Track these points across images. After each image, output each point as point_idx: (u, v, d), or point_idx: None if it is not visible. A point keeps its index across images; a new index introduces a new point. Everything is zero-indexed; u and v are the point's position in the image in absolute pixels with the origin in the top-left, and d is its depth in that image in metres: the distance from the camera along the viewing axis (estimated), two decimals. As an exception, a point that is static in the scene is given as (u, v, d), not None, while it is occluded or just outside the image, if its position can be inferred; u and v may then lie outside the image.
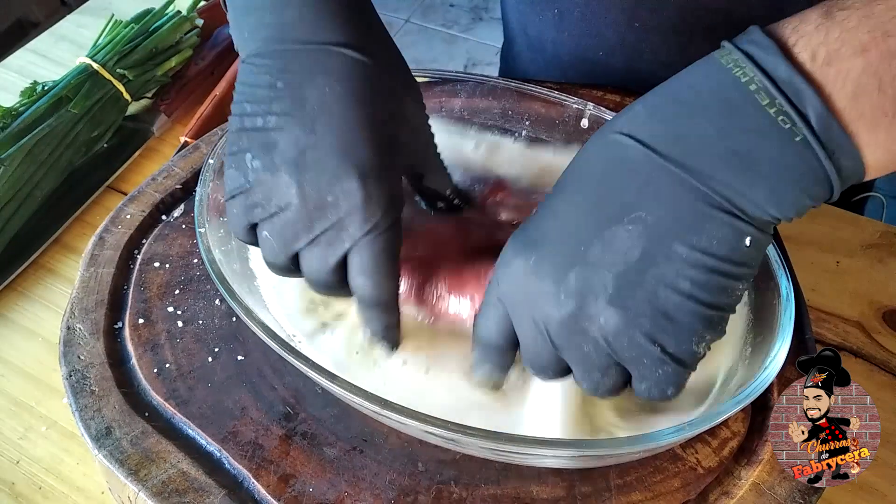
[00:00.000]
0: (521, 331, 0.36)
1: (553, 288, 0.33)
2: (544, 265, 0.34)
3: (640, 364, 0.33)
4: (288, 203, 0.36)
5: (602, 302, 0.32)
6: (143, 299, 0.47)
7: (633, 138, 0.32)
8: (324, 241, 0.37)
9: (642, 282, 0.32)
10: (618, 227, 0.32)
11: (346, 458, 0.41)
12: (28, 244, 0.58)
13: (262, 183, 0.37)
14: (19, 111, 0.61)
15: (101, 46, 0.67)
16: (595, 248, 0.32)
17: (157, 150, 0.67)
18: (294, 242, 0.37)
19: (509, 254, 0.36)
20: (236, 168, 0.38)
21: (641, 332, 0.32)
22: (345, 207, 0.36)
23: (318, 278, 0.38)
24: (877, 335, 0.53)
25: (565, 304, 0.33)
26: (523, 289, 0.34)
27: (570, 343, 0.34)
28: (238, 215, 0.38)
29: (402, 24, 2.18)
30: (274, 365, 0.44)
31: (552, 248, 0.34)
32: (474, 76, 0.54)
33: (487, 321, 0.37)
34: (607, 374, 0.34)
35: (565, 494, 0.40)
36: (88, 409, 0.42)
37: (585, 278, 0.32)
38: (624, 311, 0.32)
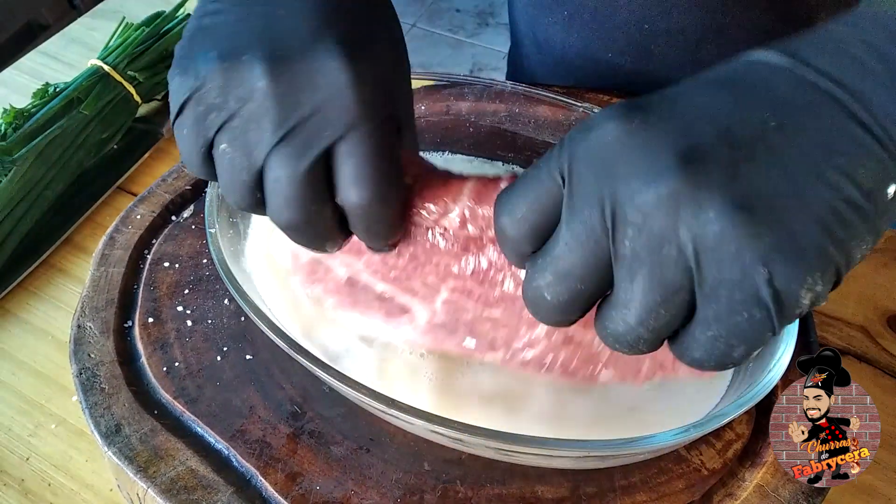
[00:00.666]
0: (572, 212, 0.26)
1: (658, 156, 0.25)
2: (654, 129, 0.26)
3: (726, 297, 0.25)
4: (251, 91, 0.29)
5: (722, 191, 0.24)
6: (152, 298, 0.48)
7: (782, 53, 0.27)
8: (296, 137, 0.29)
9: (777, 188, 0.25)
10: (758, 118, 0.26)
11: (353, 456, 0.41)
12: (39, 244, 0.58)
13: (216, 74, 0.29)
14: (31, 112, 0.62)
15: (112, 49, 0.68)
16: (726, 129, 0.25)
17: (166, 151, 0.67)
18: (259, 145, 0.29)
19: (599, 117, 0.27)
20: (183, 71, 0.30)
21: (757, 247, 0.24)
22: (326, 90, 0.28)
23: (287, 194, 0.29)
24: (881, 339, 0.53)
25: (670, 178, 0.25)
26: (608, 154, 0.26)
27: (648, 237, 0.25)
28: (189, 134, 0.30)
29: (408, 28, 2.19)
30: (282, 364, 0.45)
31: (668, 114, 0.26)
32: (481, 79, 0.55)
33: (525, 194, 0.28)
34: (671, 300, 0.26)
35: (570, 495, 0.40)
36: (98, 406, 0.43)
37: (707, 156, 0.25)
38: (747, 211, 0.24)
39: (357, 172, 0.29)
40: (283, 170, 0.29)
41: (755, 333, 0.26)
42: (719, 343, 0.26)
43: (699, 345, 0.26)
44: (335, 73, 0.28)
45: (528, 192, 0.28)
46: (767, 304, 0.25)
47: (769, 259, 0.24)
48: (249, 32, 0.29)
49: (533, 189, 0.28)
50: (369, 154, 0.29)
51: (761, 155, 0.25)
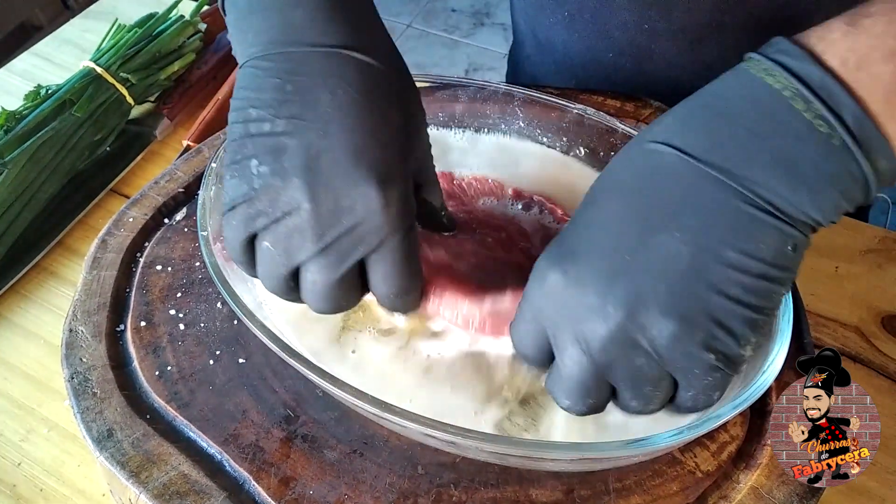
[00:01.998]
0: (561, 352, 0.34)
1: (598, 300, 0.32)
2: (585, 276, 0.32)
3: (691, 373, 0.32)
4: (297, 207, 0.34)
5: (655, 311, 0.31)
6: (145, 302, 0.47)
7: (670, 146, 0.32)
8: (334, 250, 0.35)
9: (694, 289, 0.31)
10: (663, 234, 0.31)
11: (347, 460, 0.41)
12: (31, 247, 0.58)
13: (269, 188, 0.35)
14: (23, 114, 0.62)
15: (105, 50, 0.67)
16: (641, 256, 0.32)
17: (159, 153, 0.67)
18: (299, 251, 0.35)
19: (543, 267, 0.34)
20: (240, 176, 0.36)
21: (696, 340, 0.31)
22: (361, 212, 0.34)
23: (323, 293, 0.36)
24: (875, 340, 0.53)
25: (613, 315, 0.32)
26: (563, 304, 0.33)
27: (620, 358, 0.32)
28: (238, 226, 0.36)
29: (403, 28, 2.19)
30: (275, 368, 0.44)
31: (593, 258, 0.33)
32: (474, 81, 0.55)
33: (524, 339, 0.36)
34: (658, 386, 0.33)
35: (564, 498, 0.40)
36: (90, 411, 0.42)
37: (635, 287, 0.31)
38: (678, 319, 0.31)
39: (385, 275, 0.36)
40: (320, 275, 0.35)
41: (722, 384, 0.34)
42: (700, 396, 0.34)
43: (690, 401, 0.34)
44: (368, 199, 0.34)
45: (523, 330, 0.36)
46: (721, 367, 0.32)
47: (709, 345, 0.32)
48: (296, 154, 0.35)
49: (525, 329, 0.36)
50: (396, 261, 0.36)
51: (674, 266, 0.31)
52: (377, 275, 0.36)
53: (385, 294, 0.37)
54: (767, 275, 0.31)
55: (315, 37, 0.36)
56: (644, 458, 0.39)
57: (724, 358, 0.32)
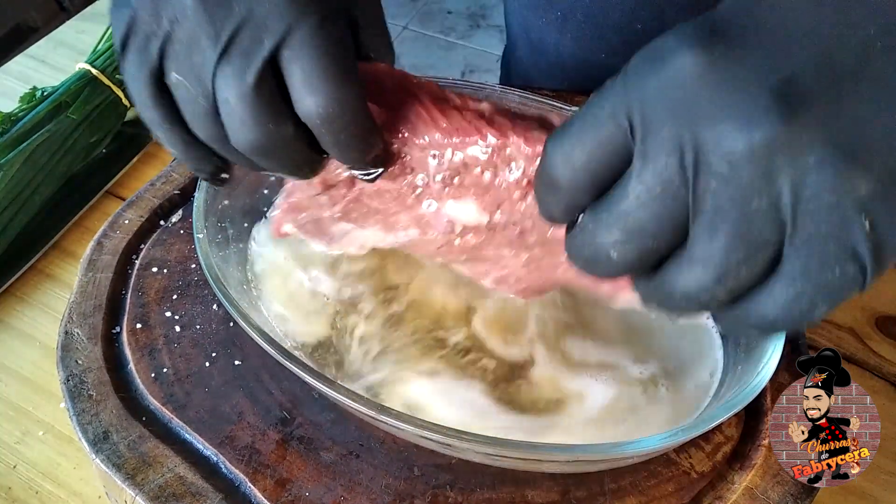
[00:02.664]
0: (646, 160, 0.23)
1: (751, 95, 0.22)
2: (743, 60, 0.22)
3: (820, 250, 0.23)
4: (182, 8, 0.27)
5: (824, 133, 0.22)
6: (141, 304, 0.47)
7: None
8: (236, 48, 0.27)
9: (888, 126, 0.22)
10: (861, 35, 0.22)
11: (343, 462, 0.41)
12: (26, 249, 0.58)
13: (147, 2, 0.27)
14: (18, 116, 0.62)
15: (101, 52, 0.67)
16: (827, 56, 0.22)
17: (155, 155, 0.67)
18: (204, 66, 0.27)
19: (669, 40, 0.23)
20: (116, 5, 0.29)
21: (859, 195, 0.22)
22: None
23: (242, 108, 0.27)
24: (869, 341, 0.53)
25: (766, 123, 0.22)
26: (687, 92, 0.23)
27: (736, 188, 0.22)
28: (135, 69, 0.28)
29: (399, 30, 2.19)
30: (271, 370, 0.44)
31: (756, 39, 0.23)
32: (470, 83, 0.55)
33: (579, 145, 0.25)
34: (754, 256, 0.23)
35: (560, 499, 0.40)
36: (86, 413, 0.42)
37: (807, 92, 0.22)
38: (852, 157, 0.22)
39: (306, 76, 0.27)
40: (230, 89, 0.27)
41: (843, 289, 0.24)
42: (802, 301, 0.24)
43: (778, 303, 0.24)
44: None
45: (588, 136, 0.25)
46: (864, 257, 0.23)
47: (871, 209, 0.22)
48: None
49: (594, 133, 0.25)
50: (315, 53, 0.27)
51: (866, 86, 0.22)
52: (296, 78, 0.27)
53: (313, 112, 0.28)
54: None
55: None
56: (639, 459, 0.40)
57: (878, 244, 0.22)
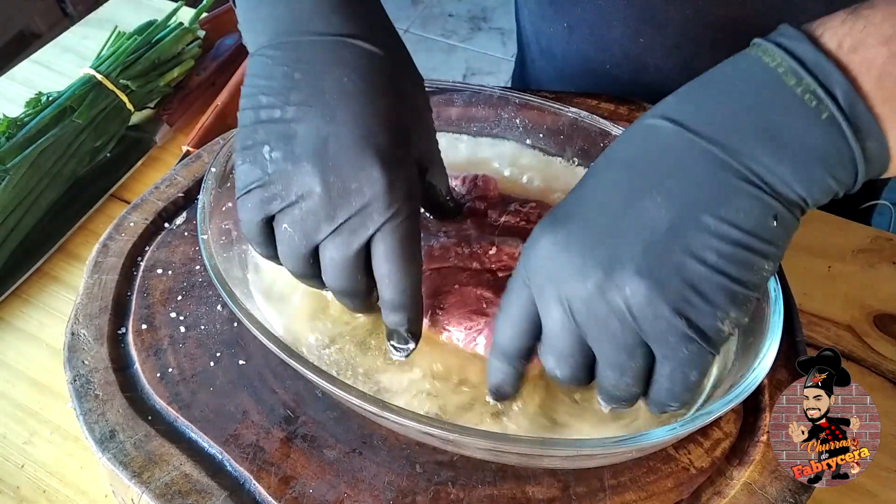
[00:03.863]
0: (545, 313, 0.35)
1: (580, 261, 0.33)
2: (572, 240, 0.34)
3: (666, 342, 0.33)
4: (310, 191, 0.36)
5: (629, 271, 0.32)
6: (146, 305, 0.48)
7: (666, 118, 0.33)
8: (346, 229, 0.37)
9: (670, 252, 0.32)
10: (647, 199, 0.32)
11: (346, 459, 0.41)
12: (32, 252, 0.59)
13: (282, 173, 0.37)
14: (24, 121, 0.62)
15: (105, 57, 0.68)
16: (624, 220, 0.33)
17: (159, 159, 0.68)
18: (316, 232, 0.37)
19: (536, 233, 0.36)
20: (252, 162, 0.37)
21: (668, 303, 0.32)
22: (368, 194, 0.36)
23: (339, 271, 0.38)
24: (868, 338, 0.54)
25: (591, 275, 0.33)
26: (549, 265, 0.34)
27: (595, 319, 0.33)
28: (253, 209, 0.38)
29: (401, 33, 2.18)
30: (274, 369, 0.45)
31: (581, 223, 0.34)
32: (470, 85, 0.55)
33: (510, 306, 0.37)
34: (633, 355, 0.34)
35: (560, 494, 0.40)
36: (93, 412, 0.43)
37: (613, 249, 0.32)
38: (651, 280, 0.32)
39: (386, 252, 0.37)
40: (336, 252, 0.37)
41: (700, 360, 0.33)
42: (677, 374, 0.34)
43: (665, 380, 0.34)
44: (374, 181, 0.36)
45: (513, 304, 0.37)
46: (696, 339, 0.32)
47: (681, 310, 0.32)
48: (306, 139, 0.36)
49: (516, 301, 0.37)
50: (397, 240, 0.37)
51: (652, 229, 0.32)
52: (379, 253, 0.37)
53: (384, 273, 0.38)
54: (747, 244, 0.31)
55: (320, 26, 0.38)
56: (638, 454, 0.40)
57: (699, 329, 0.32)
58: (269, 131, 0.37)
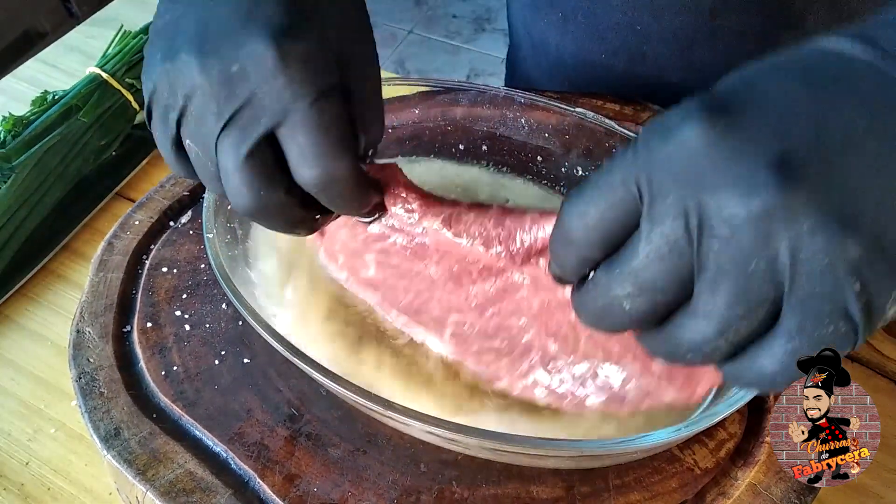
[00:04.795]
0: (654, 223, 0.25)
1: (750, 165, 0.24)
2: (743, 133, 0.24)
3: (814, 309, 0.24)
4: (192, 87, 0.30)
5: (817, 200, 0.23)
6: (151, 303, 0.48)
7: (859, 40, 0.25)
8: (236, 124, 0.30)
9: (873, 194, 0.24)
10: (848, 117, 0.24)
11: (350, 458, 0.42)
12: (38, 250, 0.59)
13: (163, 76, 0.31)
14: (30, 120, 0.62)
15: (111, 56, 0.68)
16: (818, 130, 0.24)
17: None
18: (209, 136, 0.31)
19: (675, 116, 0.25)
20: (145, 75, 0.32)
21: (850, 258, 0.24)
22: (255, 77, 0.29)
23: (236, 175, 0.30)
24: (873, 339, 0.53)
25: (763, 190, 0.24)
26: (692, 162, 0.24)
27: (736, 250, 0.24)
28: (158, 130, 0.32)
29: (404, 35, 2.20)
30: (279, 367, 0.45)
31: (755, 115, 0.25)
32: (475, 85, 0.55)
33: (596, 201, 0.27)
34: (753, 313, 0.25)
35: (565, 494, 0.40)
36: (97, 410, 0.43)
37: (801, 162, 0.24)
38: (843, 222, 0.24)
39: (301, 152, 0.30)
40: (227, 157, 0.30)
41: (837, 346, 0.26)
42: (798, 356, 0.26)
43: (776, 358, 0.26)
44: (262, 58, 0.29)
45: (601, 198, 0.27)
46: (855, 316, 0.24)
47: (861, 272, 0.24)
48: (186, 29, 0.31)
49: (606, 196, 0.27)
50: (309, 132, 0.30)
51: (854, 161, 0.24)
52: (292, 154, 0.31)
53: (309, 184, 0.31)
54: None
55: None
56: (643, 454, 0.40)
57: (868, 304, 0.24)
58: (159, 36, 0.33)
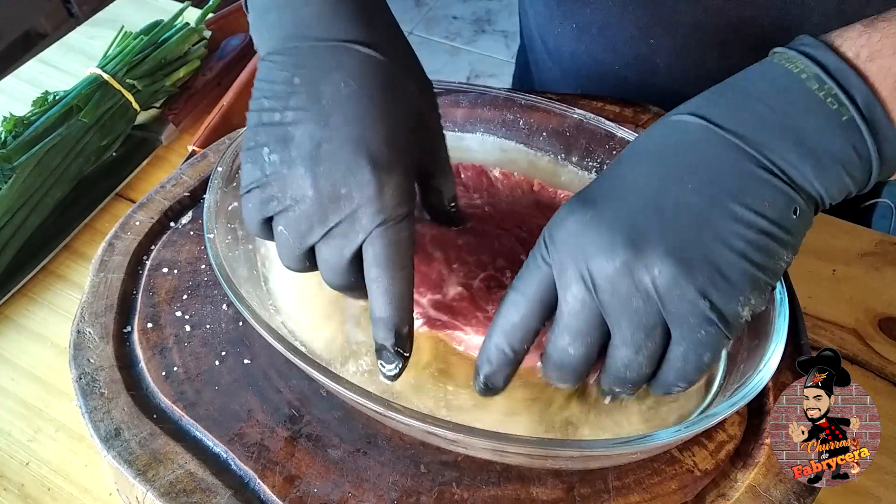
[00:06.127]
0: (565, 290, 0.35)
1: (609, 238, 0.34)
2: (602, 218, 0.34)
3: (686, 323, 0.33)
4: (303, 195, 0.37)
5: (659, 252, 0.33)
6: (151, 304, 0.48)
7: (694, 115, 0.35)
8: (338, 233, 0.37)
9: (699, 237, 0.33)
10: (678, 186, 0.34)
11: (350, 459, 0.42)
12: (38, 250, 0.59)
13: (279, 176, 0.38)
14: (31, 120, 0.62)
15: (111, 57, 0.68)
16: (654, 204, 0.34)
17: (164, 158, 0.68)
18: (309, 235, 0.38)
19: (563, 212, 0.36)
20: (253, 162, 0.38)
21: (694, 285, 0.33)
22: (358, 199, 0.37)
23: (333, 272, 0.39)
24: (872, 342, 0.54)
25: (620, 253, 0.33)
26: (576, 242, 0.35)
27: (619, 297, 0.34)
28: (253, 209, 0.39)
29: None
30: (279, 368, 0.45)
31: (610, 204, 0.35)
32: (475, 87, 0.56)
33: (526, 283, 0.37)
34: (651, 334, 0.34)
35: (564, 496, 0.40)
36: (98, 411, 0.43)
37: (643, 230, 0.33)
38: (680, 261, 0.33)
39: (375, 257, 0.37)
40: (330, 255, 0.38)
41: (714, 342, 0.34)
42: (691, 355, 0.34)
43: (678, 361, 0.35)
44: (364, 185, 0.37)
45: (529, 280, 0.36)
46: (715, 321, 0.33)
47: (706, 291, 0.33)
48: (302, 143, 0.37)
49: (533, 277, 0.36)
50: (385, 245, 0.37)
51: (684, 214, 0.33)
52: (368, 258, 0.38)
53: (372, 278, 0.38)
54: (771, 233, 0.33)
55: (321, 31, 0.39)
56: (643, 456, 0.40)
57: (720, 312, 0.33)
58: (269, 134, 0.38)
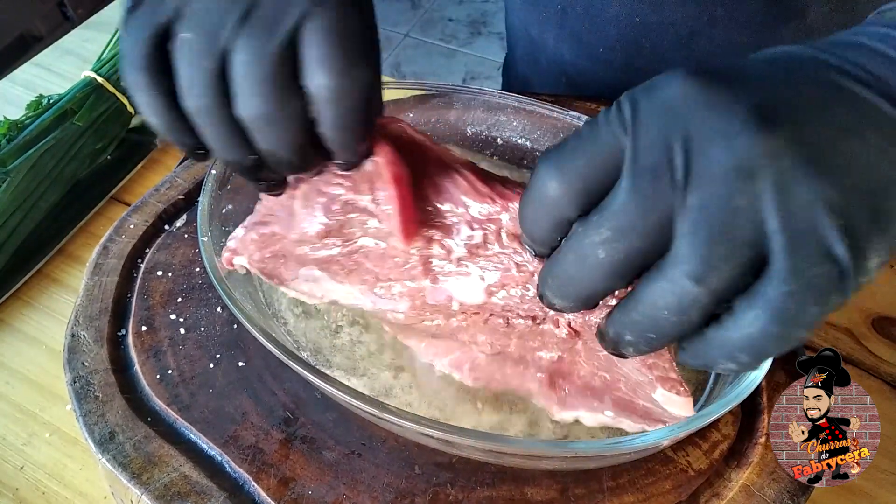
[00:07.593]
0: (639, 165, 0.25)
1: (734, 110, 0.24)
2: (735, 91, 0.25)
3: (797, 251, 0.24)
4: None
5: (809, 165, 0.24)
6: (146, 307, 0.48)
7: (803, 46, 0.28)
8: (262, 17, 0.27)
9: (850, 147, 0.25)
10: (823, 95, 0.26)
11: (345, 461, 0.42)
12: (32, 254, 0.59)
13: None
14: (25, 124, 0.62)
15: (106, 60, 0.68)
16: (792, 97, 0.25)
17: (159, 161, 0.68)
18: (223, 28, 0.27)
19: (661, 78, 0.26)
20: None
21: (831, 201, 0.24)
22: None
23: (259, 73, 0.27)
24: (866, 341, 0.54)
25: (746, 132, 0.24)
26: (684, 105, 0.25)
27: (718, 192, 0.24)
28: (138, 22, 0.28)
29: (401, 38, 2.20)
30: (274, 371, 0.45)
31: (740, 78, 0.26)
32: (469, 88, 0.56)
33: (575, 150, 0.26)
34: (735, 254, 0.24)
35: (559, 496, 0.41)
36: (92, 414, 0.43)
37: (786, 118, 0.25)
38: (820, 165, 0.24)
39: (322, 53, 0.27)
40: (251, 51, 0.27)
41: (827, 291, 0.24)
42: (792, 301, 0.24)
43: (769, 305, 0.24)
44: None
45: (582, 151, 0.26)
46: (842, 258, 0.24)
47: (842, 212, 0.24)
48: None
49: (588, 148, 0.26)
50: (336, 32, 0.27)
51: (827, 120, 0.25)
52: (311, 55, 0.28)
53: (322, 85, 0.28)
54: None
55: None
56: (637, 456, 0.40)
57: (851, 248, 0.24)
58: None
